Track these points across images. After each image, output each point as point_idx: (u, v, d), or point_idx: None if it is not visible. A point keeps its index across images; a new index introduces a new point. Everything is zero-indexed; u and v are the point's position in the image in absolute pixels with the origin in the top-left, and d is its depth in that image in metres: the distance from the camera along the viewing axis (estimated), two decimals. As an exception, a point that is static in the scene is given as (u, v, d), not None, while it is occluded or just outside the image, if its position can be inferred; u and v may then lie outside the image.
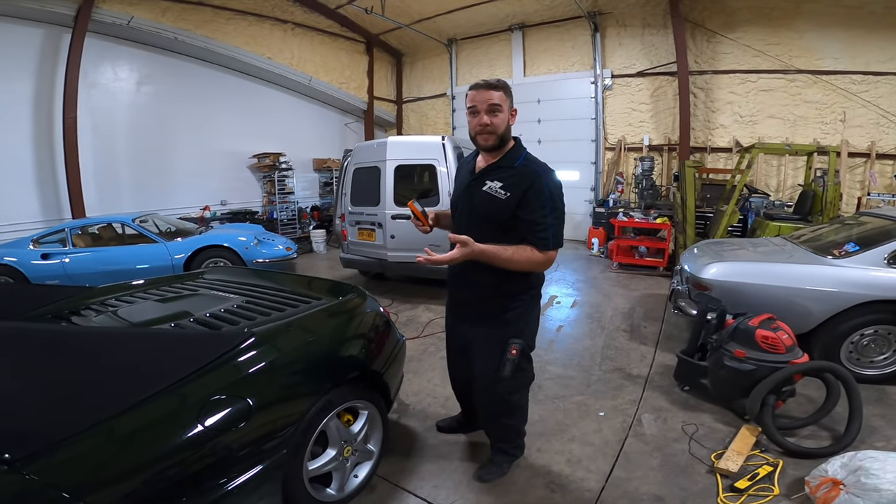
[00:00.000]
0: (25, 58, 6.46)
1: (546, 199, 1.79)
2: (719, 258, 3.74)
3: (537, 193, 1.78)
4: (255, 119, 9.29)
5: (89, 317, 2.23)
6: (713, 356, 2.93)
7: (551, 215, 1.79)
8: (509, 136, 1.89)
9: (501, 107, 1.81)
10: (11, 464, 1.17)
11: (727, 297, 3.30)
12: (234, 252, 5.84)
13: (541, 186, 1.79)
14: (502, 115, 1.82)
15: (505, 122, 1.84)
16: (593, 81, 8.85)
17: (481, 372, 2.05)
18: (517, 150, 1.92)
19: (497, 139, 1.85)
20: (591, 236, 8.20)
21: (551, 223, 1.80)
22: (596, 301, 5.35)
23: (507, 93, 1.83)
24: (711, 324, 3.06)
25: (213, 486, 1.44)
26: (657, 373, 3.44)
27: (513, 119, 1.88)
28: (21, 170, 6.57)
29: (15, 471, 1.16)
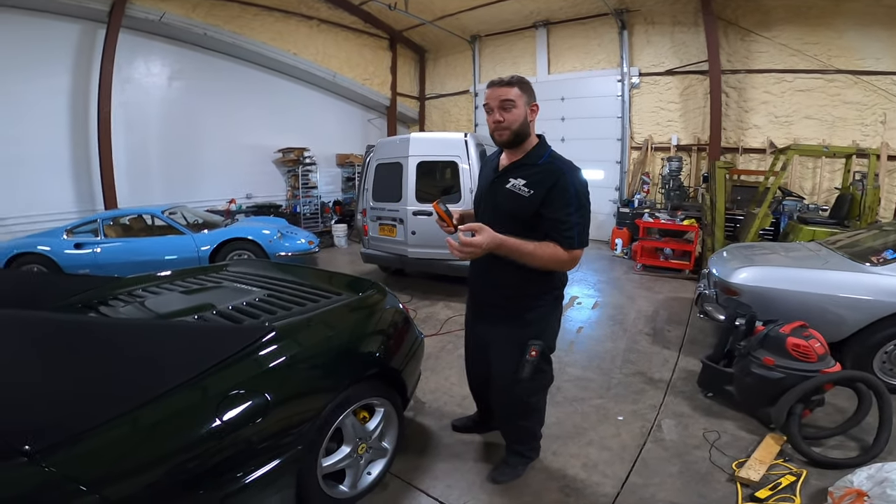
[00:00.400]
0: (63, 53, 6.68)
1: (571, 197, 1.75)
2: (750, 262, 3.62)
3: (562, 191, 1.75)
4: (280, 114, 9.42)
5: (117, 307, 2.28)
6: (740, 363, 2.85)
7: (576, 213, 1.75)
8: (528, 131, 1.86)
9: (515, 102, 1.78)
10: (31, 456, 1.19)
11: (757, 302, 3.20)
12: (257, 245, 5.92)
13: (565, 184, 1.75)
14: (516, 112, 1.80)
15: (520, 119, 1.81)
16: (620, 79, 8.68)
17: (499, 372, 2.02)
18: (541, 147, 1.89)
19: (511, 135, 1.83)
20: (615, 237, 8.05)
21: (576, 221, 1.75)
22: (618, 303, 5.25)
23: (523, 89, 1.81)
24: (740, 330, 2.98)
25: (228, 480, 1.46)
26: (680, 378, 3.36)
27: (533, 115, 1.85)
28: (58, 161, 6.81)
29: (35, 463, 1.18)
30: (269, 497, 1.60)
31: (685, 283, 6.04)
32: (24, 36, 6.26)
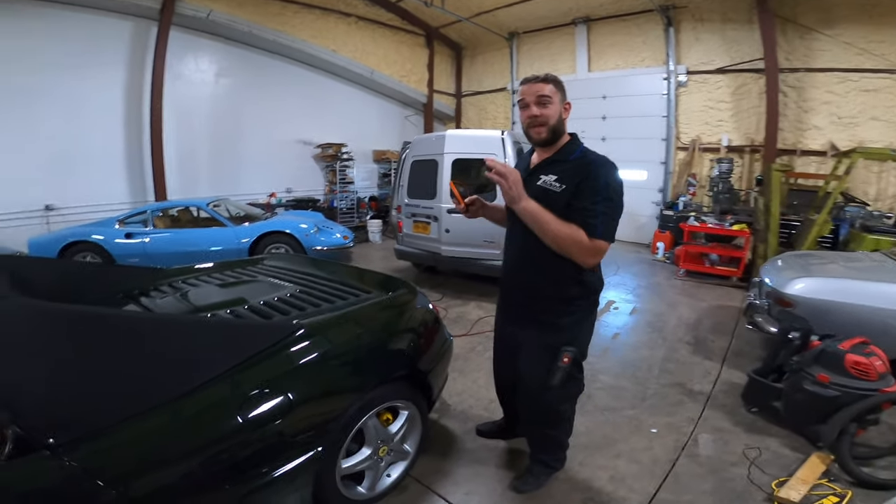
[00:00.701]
0: (118, 50, 7.03)
1: (600, 188, 1.70)
2: (806, 272, 3.39)
3: (591, 181, 1.71)
4: (320, 110, 9.60)
5: (156, 298, 2.36)
6: (791, 379, 2.68)
7: (602, 203, 1.69)
8: (563, 129, 1.84)
9: (552, 98, 1.76)
10: (54, 450, 1.21)
11: (813, 315, 3.00)
12: (294, 238, 6.06)
13: (596, 175, 1.72)
14: (553, 107, 1.77)
15: (556, 114, 1.79)
16: (666, 77, 8.31)
17: (529, 378, 1.96)
18: (573, 144, 1.86)
19: (549, 131, 1.80)
20: (657, 240, 7.74)
21: (602, 211, 1.69)
22: (658, 309, 5.03)
23: (557, 86, 1.80)
24: (793, 344, 2.79)
25: (246, 479, 1.46)
26: (721, 391, 3.18)
27: (566, 112, 1.83)
28: (113, 154, 7.19)
29: (57, 457, 1.20)
30: (287, 497, 1.60)
31: (731, 291, 5.72)
32: (83, 34, 6.63)
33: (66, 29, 6.48)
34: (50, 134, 6.47)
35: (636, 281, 6.25)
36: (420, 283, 5.84)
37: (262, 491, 1.50)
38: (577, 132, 1.91)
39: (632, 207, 9.12)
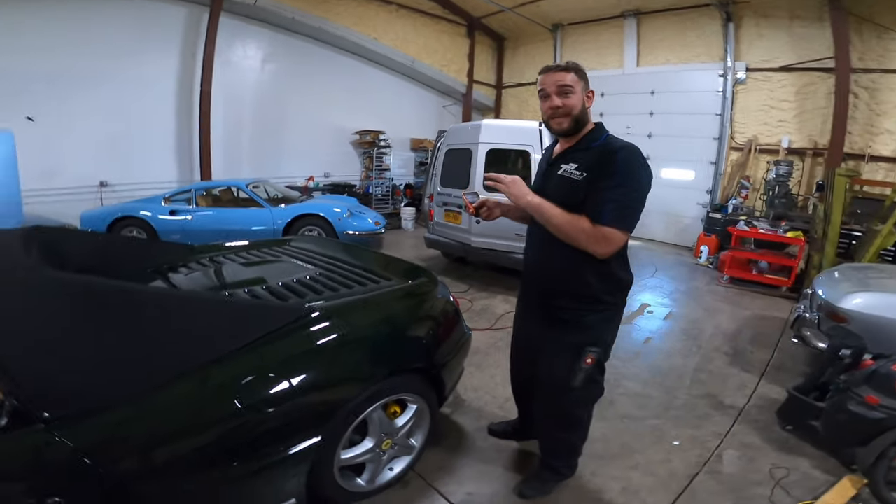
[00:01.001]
0: (173, 36, 7.30)
1: (615, 170, 1.59)
2: (865, 287, 3.12)
3: (606, 166, 1.61)
4: (359, 97, 9.69)
5: (182, 274, 2.42)
6: (835, 398, 2.48)
7: (615, 190, 1.57)
8: (586, 118, 1.74)
9: (573, 88, 1.68)
10: (49, 423, 1.20)
11: (869, 333, 2.74)
12: (327, 222, 6.14)
13: (613, 159, 1.61)
14: (575, 97, 1.69)
15: (579, 104, 1.70)
16: (722, 74, 7.82)
17: (549, 378, 1.86)
18: (597, 131, 1.76)
19: (571, 122, 1.71)
20: (701, 243, 7.35)
21: (612, 197, 1.57)
22: (695, 316, 4.77)
23: (580, 74, 1.71)
24: (843, 362, 2.57)
25: (238, 463, 1.44)
26: (756, 405, 2.98)
27: (589, 101, 1.74)
28: (165, 135, 7.51)
29: (49, 431, 1.19)
30: (280, 484, 1.58)
31: (779, 302, 5.35)
32: (141, 20, 6.92)
33: (126, 16, 6.78)
34: (108, 115, 6.82)
35: (674, 285, 5.96)
36: (448, 274, 5.80)
37: (253, 476, 1.48)
38: (627, 127, 1.82)
39: (675, 208, 8.79)
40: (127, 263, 2.50)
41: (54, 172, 6.43)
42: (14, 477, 1.19)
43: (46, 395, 1.23)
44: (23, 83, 6.08)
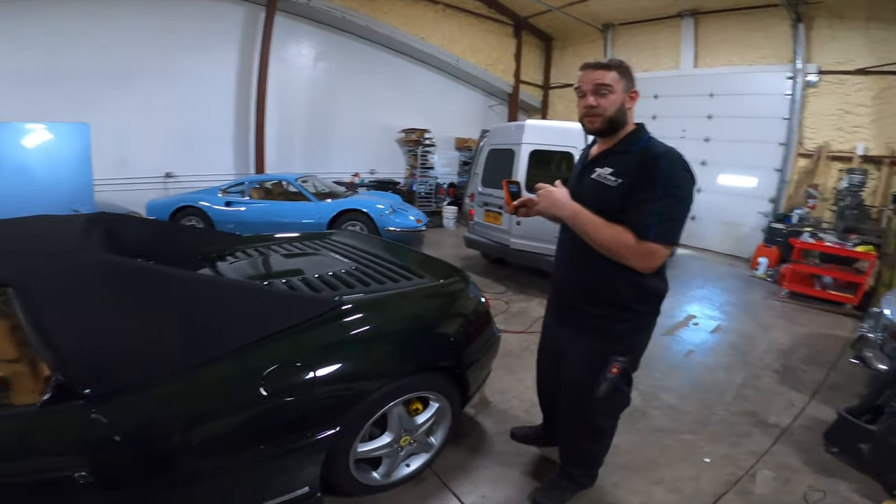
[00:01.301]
0: (233, 34, 7.70)
1: (658, 180, 1.49)
2: (938, 310, 2.81)
3: (648, 176, 1.51)
4: (405, 95, 9.83)
5: (227, 262, 2.56)
6: (888, 422, 2.32)
7: (659, 201, 1.48)
8: (623, 119, 1.64)
9: (612, 87, 1.59)
10: (89, 400, 1.28)
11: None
12: (370, 217, 6.28)
13: (654, 166, 1.51)
14: (612, 98, 1.59)
15: (615, 105, 1.60)
16: (791, 76, 7.30)
17: (572, 386, 1.82)
18: (637, 134, 1.66)
19: (604, 122, 1.62)
20: (759, 254, 6.91)
21: (657, 210, 1.47)
22: (747, 330, 4.49)
23: (622, 73, 1.61)
24: None
25: (256, 448, 1.50)
26: (802, 425, 2.80)
27: (631, 102, 1.65)
28: (223, 129, 7.95)
29: (86, 407, 1.27)
30: (296, 469, 1.62)
31: (842, 320, 4.95)
32: (203, 18, 7.34)
33: (190, 13, 7.20)
34: (174, 109, 7.30)
35: (725, 297, 5.64)
36: (486, 274, 5.78)
37: (271, 461, 1.54)
38: (682, 130, 1.73)
39: (733, 216, 8.32)
40: (179, 250, 2.68)
41: (125, 163, 6.96)
42: (49, 450, 1.27)
43: (90, 371, 1.31)
44: (97, 79, 6.61)
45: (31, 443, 1.26)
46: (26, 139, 4.04)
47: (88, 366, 1.32)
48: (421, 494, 2.05)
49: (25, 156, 4.00)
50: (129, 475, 1.33)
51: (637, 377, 3.15)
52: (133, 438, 1.32)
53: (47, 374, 1.33)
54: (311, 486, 1.67)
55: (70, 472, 1.23)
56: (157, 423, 1.39)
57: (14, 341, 1.60)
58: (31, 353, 1.54)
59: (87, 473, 1.24)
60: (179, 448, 1.41)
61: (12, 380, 1.56)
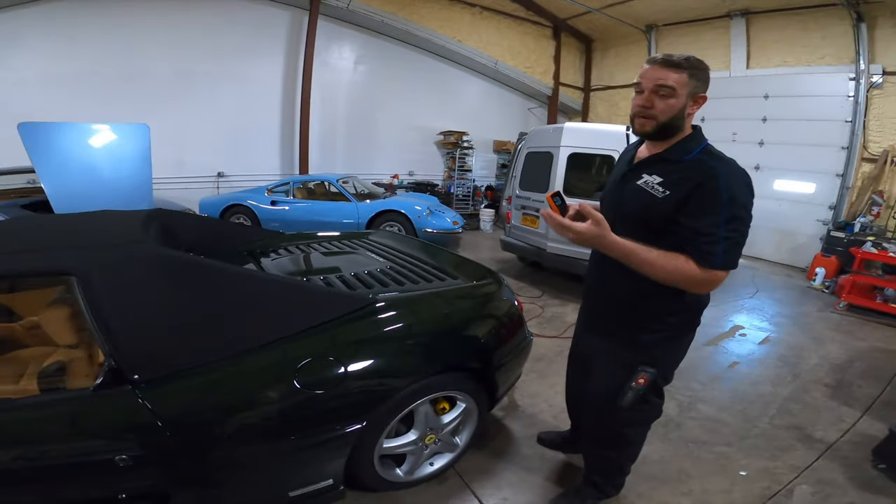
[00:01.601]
0: (278, 38, 8.04)
1: (722, 204, 1.36)
2: None
3: (710, 194, 1.38)
4: (444, 98, 9.94)
5: (270, 258, 2.69)
6: None
7: (726, 226, 1.36)
8: (680, 125, 1.49)
9: (675, 91, 1.43)
10: (136, 385, 1.37)
11: None
12: (407, 218, 6.38)
13: (715, 186, 1.37)
14: (672, 102, 1.44)
15: (674, 110, 1.45)
16: (853, 78, 6.85)
17: (596, 393, 1.77)
18: (692, 140, 1.51)
19: (656, 127, 1.48)
20: (817, 264, 6.51)
21: (724, 235, 1.36)
22: (798, 343, 4.25)
23: (694, 76, 1.45)
24: None
25: (286, 438, 1.57)
26: (850, 441, 2.64)
27: (695, 107, 1.49)
28: (271, 131, 8.31)
29: (133, 392, 1.36)
30: (322, 461, 1.68)
31: (905, 336, 4.59)
32: (251, 22, 7.72)
33: (239, 18, 7.59)
34: (225, 112, 7.71)
35: (777, 308, 5.34)
36: (522, 278, 5.75)
37: (299, 452, 1.60)
38: (733, 134, 1.59)
39: (789, 224, 7.87)
40: (226, 245, 2.85)
41: (182, 163, 7.41)
42: (94, 432, 1.37)
43: (139, 357, 1.41)
44: (161, 82, 7.10)
45: (82, 426, 1.37)
46: (93, 139, 4.35)
47: (138, 352, 1.41)
48: (443, 493, 2.06)
49: (92, 155, 4.30)
50: (167, 460, 1.42)
51: (674, 387, 3.10)
52: (174, 424, 1.40)
53: (101, 360, 1.43)
54: (335, 478, 1.72)
55: (112, 454, 1.33)
56: (196, 410, 1.47)
57: (74, 327, 1.74)
58: (88, 339, 1.67)
59: (128, 457, 1.33)
60: (215, 436, 1.48)
61: (71, 365, 1.70)
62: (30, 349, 1.87)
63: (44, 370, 1.67)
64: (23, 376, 1.66)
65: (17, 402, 1.42)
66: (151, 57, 7.01)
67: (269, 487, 1.63)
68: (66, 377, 1.68)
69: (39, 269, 1.55)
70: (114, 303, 1.45)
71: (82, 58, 6.54)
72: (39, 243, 1.73)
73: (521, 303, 2.46)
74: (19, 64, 6.27)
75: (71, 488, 1.36)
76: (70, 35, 6.43)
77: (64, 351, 1.77)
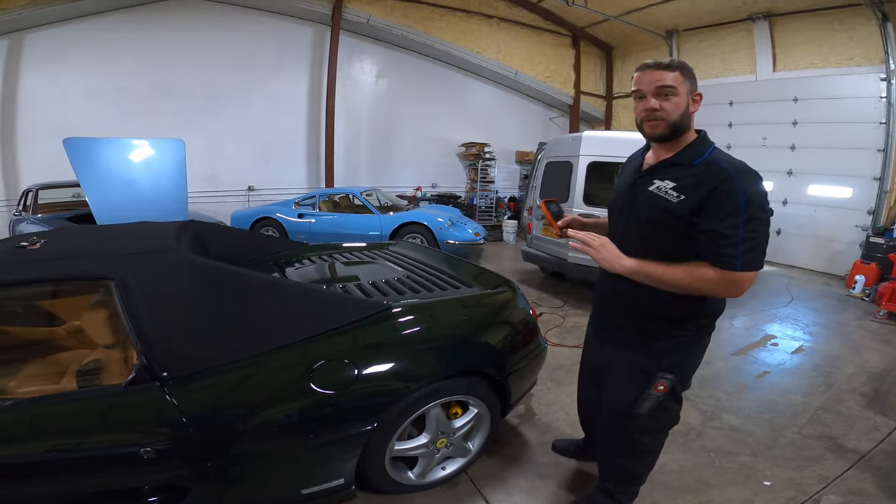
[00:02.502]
0: (303, 53, 8.37)
1: (740, 206, 1.36)
2: None
3: (726, 197, 1.38)
4: (465, 109, 10.07)
5: (294, 266, 2.82)
6: None
7: (745, 227, 1.36)
8: (688, 125, 1.52)
9: (676, 90, 1.46)
10: (164, 382, 1.47)
11: None
12: (429, 230, 6.47)
13: (731, 188, 1.37)
14: (676, 100, 1.46)
15: (680, 109, 1.48)
16: (884, 78, 6.64)
17: (612, 402, 1.75)
18: (700, 144, 1.52)
19: (668, 127, 1.49)
20: (856, 272, 6.25)
21: (744, 237, 1.36)
22: (833, 352, 4.08)
23: (685, 74, 1.49)
24: None
25: (300, 438, 1.64)
26: (885, 451, 2.54)
27: (695, 105, 1.51)
28: (298, 145, 8.62)
29: (161, 389, 1.46)
30: (334, 461, 1.74)
31: (949, 346, 4.34)
32: (278, 38, 8.08)
33: (264, 35, 7.95)
34: (254, 127, 8.07)
35: (813, 317, 5.14)
36: (544, 289, 5.73)
37: (311, 451, 1.66)
38: (763, 138, 1.60)
39: (826, 230, 7.60)
40: (254, 255, 3.00)
41: (215, 177, 7.77)
42: (123, 426, 1.47)
43: (168, 356, 1.51)
44: (195, 99, 7.51)
45: (112, 419, 1.47)
46: (132, 154, 4.60)
47: (168, 351, 1.52)
48: (453, 497, 2.07)
49: (131, 170, 4.55)
50: (189, 454, 1.50)
51: (698, 396, 3.05)
52: (197, 420, 1.49)
53: (135, 359, 1.54)
54: (346, 478, 1.77)
55: (138, 447, 1.42)
56: (217, 407, 1.56)
57: (112, 328, 1.87)
58: (124, 339, 1.80)
59: (152, 449, 1.42)
60: (235, 432, 1.57)
61: (107, 363, 1.83)
62: (72, 351, 2.01)
63: (81, 368, 1.81)
64: (64, 375, 1.80)
65: (55, 398, 1.55)
66: (184, 74, 7.42)
67: (283, 484, 1.70)
68: (101, 375, 1.81)
69: (80, 273, 1.68)
70: (147, 305, 1.57)
71: (121, 74, 7.00)
72: (81, 251, 1.89)
73: (536, 312, 2.48)
74: (65, 80, 6.75)
75: (98, 477, 1.46)
76: (109, 52, 6.92)
77: (102, 351, 1.91)
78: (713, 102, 8.53)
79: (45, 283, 1.85)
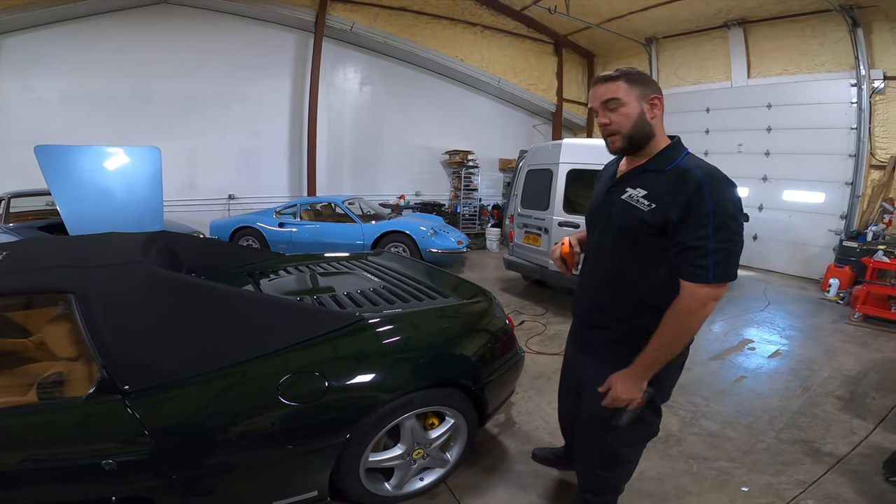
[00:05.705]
0: (286, 59, 8.32)
1: (707, 214, 1.32)
2: None
3: (695, 206, 1.34)
4: (449, 117, 10.09)
5: (269, 278, 2.76)
6: None
7: (716, 236, 1.31)
8: (648, 132, 1.47)
9: (621, 100, 1.43)
10: (126, 395, 1.44)
11: None
12: (412, 239, 6.44)
13: (700, 197, 1.33)
14: (624, 110, 1.44)
15: (631, 119, 1.44)
16: (855, 84, 6.84)
17: (590, 413, 1.72)
18: (673, 150, 1.48)
19: (624, 140, 1.47)
20: (830, 275, 6.40)
21: (714, 247, 1.31)
22: (810, 356, 4.14)
23: (631, 81, 1.44)
24: None
25: (269, 449, 1.61)
26: (861, 454, 2.57)
27: (654, 110, 1.46)
28: (280, 153, 8.54)
29: (122, 401, 1.43)
30: (305, 473, 1.70)
31: (922, 347, 4.45)
32: (261, 44, 8.02)
33: (246, 41, 7.89)
34: (235, 134, 7.99)
35: (790, 321, 5.23)
36: (526, 297, 5.73)
37: (282, 463, 1.62)
38: (738, 145, 1.58)
39: (801, 235, 7.76)
40: (229, 266, 2.93)
41: (194, 185, 7.64)
42: (85, 438, 1.43)
43: (130, 370, 1.48)
44: (170, 104, 7.37)
45: (72, 431, 1.44)
46: (106, 162, 4.50)
47: (129, 364, 1.49)
48: (432, 509, 2.05)
49: (106, 178, 4.44)
50: (152, 466, 1.47)
51: (676, 402, 3.06)
52: (160, 433, 1.45)
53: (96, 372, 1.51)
54: (319, 490, 1.74)
55: (99, 459, 1.39)
56: (181, 420, 1.52)
57: (74, 341, 1.82)
58: (86, 352, 1.75)
59: (114, 461, 1.39)
60: (199, 445, 1.53)
61: (68, 375, 1.79)
62: (38, 363, 1.97)
63: (43, 381, 1.76)
64: (30, 388, 1.75)
65: (15, 410, 1.50)
66: (163, 79, 7.31)
67: (254, 496, 1.66)
68: (63, 387, 1.76)
69: (39, 287, 1.66)
70: (107, 318, 1.53)
71: (98, 78, 6.87)
72: (43, 263, 1.83)
73: (514, 322, 2.46)
74: (40, 85, 6.61)
75: (59, 489, 1.42)
76: (85, 57, 6.78)
77: (64, 363, 1.86)
78: (691, 109, 8.70)
79: (3, 296, 1.78)
